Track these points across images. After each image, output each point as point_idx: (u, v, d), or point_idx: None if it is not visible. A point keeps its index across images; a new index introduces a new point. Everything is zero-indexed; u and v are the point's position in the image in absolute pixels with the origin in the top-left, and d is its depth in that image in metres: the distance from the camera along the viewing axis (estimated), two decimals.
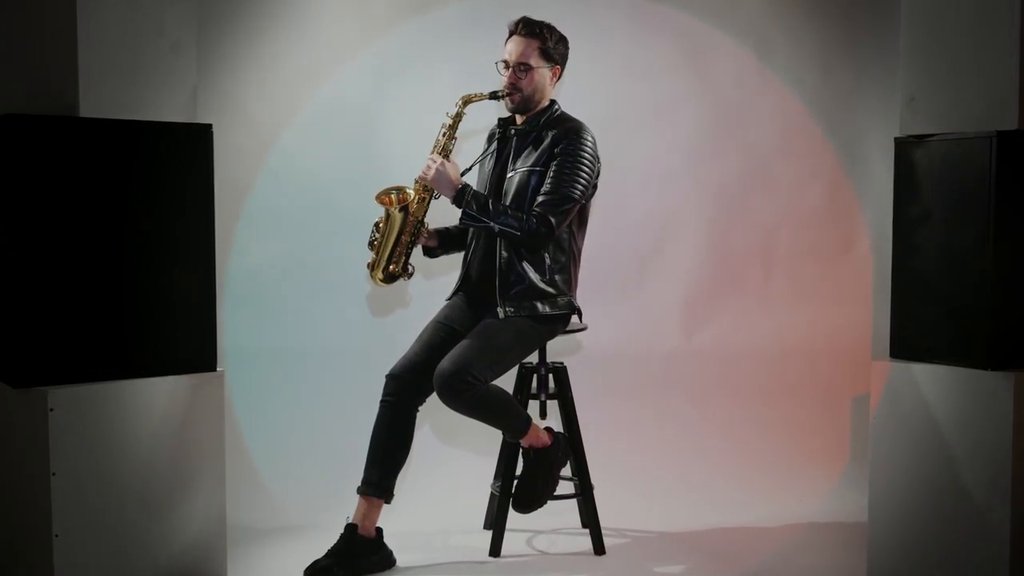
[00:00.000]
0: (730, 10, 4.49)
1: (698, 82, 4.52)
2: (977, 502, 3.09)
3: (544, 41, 3.37)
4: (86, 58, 3.02)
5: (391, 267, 3.39)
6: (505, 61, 3.40)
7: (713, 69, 4.52)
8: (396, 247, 3.38)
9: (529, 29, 3.37)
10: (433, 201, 3.41)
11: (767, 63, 4.52)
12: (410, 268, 3.42)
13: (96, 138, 3.03)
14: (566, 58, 3.47)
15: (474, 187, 3.38)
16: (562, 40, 3.44)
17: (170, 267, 3.18)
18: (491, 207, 3.26)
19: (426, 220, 3.42)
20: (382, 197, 3.36)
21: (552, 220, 3.26)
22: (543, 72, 3.39)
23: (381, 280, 3.41)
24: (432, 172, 3.29)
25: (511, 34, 3.41)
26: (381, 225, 3.39)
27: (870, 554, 3.36)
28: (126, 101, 3.11)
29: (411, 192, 3.36)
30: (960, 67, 3.20)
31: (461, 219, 3.31)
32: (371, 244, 3.41)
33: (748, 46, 4.51)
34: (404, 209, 3.34)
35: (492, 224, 3.26)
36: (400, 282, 3.43)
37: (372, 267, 3.41)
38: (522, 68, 3.36)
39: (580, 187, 3.31)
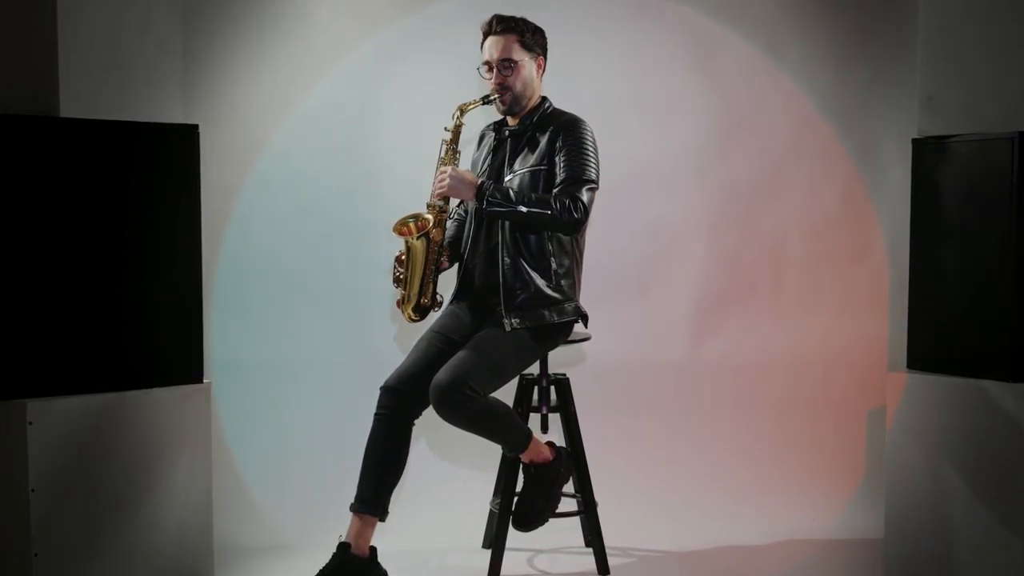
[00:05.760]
0: (739, 6, 4.47)
1: (706, 81, 4.49)
2: (997, 518, 3.09)
3: (522, 34, 3.35)
4: (66, 55, 3.01)
5: (422, 300, 3.36)
6: (487, 63, 3.37)
7: (722, 68, 4.49)
8: (424, 278, 3.34)
9: (504, 25, 3.34)
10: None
11: (778, 61, 4.48)
12: (439, 297, 3.40)
13: (77, 139, 3.02)
14: (546, 48, 3.44)
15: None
16: (538, 30, 3.41)
17: (155, 273, 3.18)
18: (513, 194, 3.23)
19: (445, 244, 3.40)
20: (400, 228, 3.31)
21: (582, 198, 3.22)
22: (528, 64, 3.36)
23: (414, 317, 3.37)
24: (447, 181, 3.27)
25: (486, 35, 3.38)
26: (403, 258, 3.35)
27: (886, 572, 3.36)
28: (109, 100, 3.11)
29: (428, 217, 3.30)
30: (980, 64, 3.19)
31: (486, 212, 3.26)
32: (396, 280, 3.38)
33: (758, 43, 4.48)
34: (425, 236, 3.30)
35: (521, 208, 3.21)
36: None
37: (402, 303, 3.37)
38: (507, 65, 3.33)
39: (593, 169, 3.29)
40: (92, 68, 3.05)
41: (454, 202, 3.45)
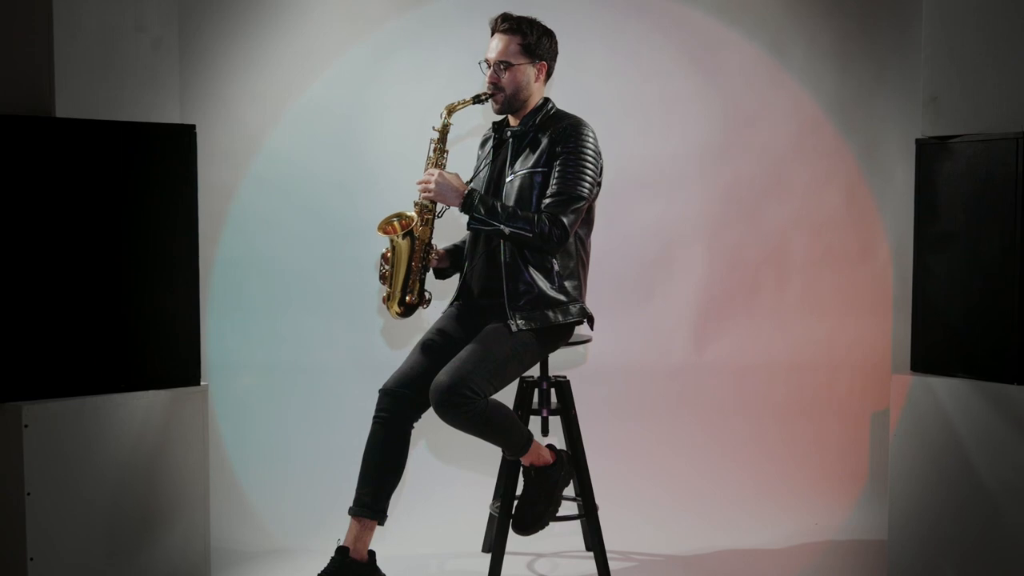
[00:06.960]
0: (742, 6, 4.45)
1: (709, 81, 4.47)
2: (1001, 521, 3.08)
3: (525, 36, 3.31)
4: (62, 54, 3.00)
5: (408, 297, 3.33)
6: (487, 60, 3.35)
7: (725, 67, 4.47)
8: (409, 276, 3.32)
9: (509, 25, 3.32)
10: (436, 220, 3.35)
11: (781, 61, 4.46)
12: (427, 295, 3.37)
13: (73, 139, 3.01)
14: (554, 54, 3.41)
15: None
16: (546, 34, 3.37)
17: (151, 275, 3.17)
18: (500, 210, 3.21)
19: (433, 241, 3.36)
20: (384, 227, 3.29)
21: (564, 220, 3.21)
22: (525, 69, 3.32)
23: (399, 314, 3.34)
24: (433, 184, 3.24)
25: (492, 32, 3.36)
26: (388, 255, 3.33)
27: (890, 575, 3.37)
28: (105, 100, 3.10)
29: (412, 215, 3.29)
30: (984, 64, 3.18)
31: (470, 224, 3.26)
32: (382, 277, 3.36)
33: (761, 43, 4.46)
34: (409, 234, 3.28)
35: (503, 227, 3.20)
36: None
37: (388, 300, 3.35)
38: (502, 66, 3.31)
39: (587, 185, 3.26)
40: (88, 68, 3.03)
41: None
